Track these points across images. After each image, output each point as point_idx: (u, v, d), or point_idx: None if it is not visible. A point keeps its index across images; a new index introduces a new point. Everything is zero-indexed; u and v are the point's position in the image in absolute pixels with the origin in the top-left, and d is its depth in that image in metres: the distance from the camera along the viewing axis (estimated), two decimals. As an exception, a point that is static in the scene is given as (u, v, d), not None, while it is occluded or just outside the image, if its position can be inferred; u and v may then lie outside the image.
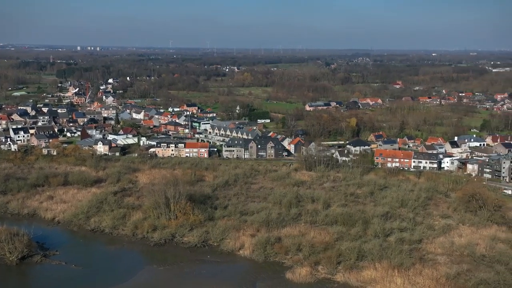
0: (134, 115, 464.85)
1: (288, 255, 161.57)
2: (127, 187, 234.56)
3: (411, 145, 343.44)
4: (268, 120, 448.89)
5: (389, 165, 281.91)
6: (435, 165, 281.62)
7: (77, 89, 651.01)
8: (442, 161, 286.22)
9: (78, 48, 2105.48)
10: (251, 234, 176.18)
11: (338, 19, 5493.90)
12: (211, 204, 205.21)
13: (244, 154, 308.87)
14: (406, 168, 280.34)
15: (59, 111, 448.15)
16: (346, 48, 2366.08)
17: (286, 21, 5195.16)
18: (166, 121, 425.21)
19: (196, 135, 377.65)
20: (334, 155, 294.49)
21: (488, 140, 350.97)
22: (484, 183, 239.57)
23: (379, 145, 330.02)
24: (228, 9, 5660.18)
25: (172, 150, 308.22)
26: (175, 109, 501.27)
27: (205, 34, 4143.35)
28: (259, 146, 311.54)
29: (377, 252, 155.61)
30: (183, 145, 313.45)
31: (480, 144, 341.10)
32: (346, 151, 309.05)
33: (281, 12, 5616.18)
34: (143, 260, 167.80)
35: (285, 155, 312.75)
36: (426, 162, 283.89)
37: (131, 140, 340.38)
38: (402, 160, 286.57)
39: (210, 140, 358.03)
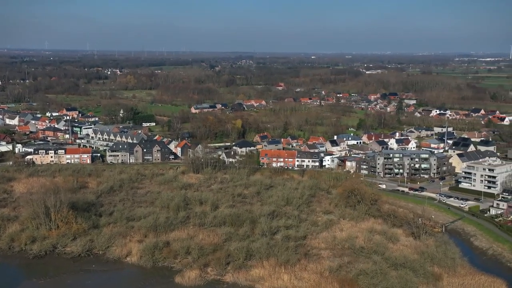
0: (8, 121, 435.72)
1: (177, 259, 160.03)
2: (1, 198, 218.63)
3: (294, 144, 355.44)
4: (154, 123, 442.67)
5: (274, 164, 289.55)
6: (317, 164, 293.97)
7: None
8: (324, 159, 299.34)
9: None
10: (139, 240, 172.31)
11: (221, 21, 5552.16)
12: (95, 212, 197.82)
13: (129, 159, 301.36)
14: (291, 167, 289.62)
15: None
16: (230, 51, 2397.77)
17: (169, 23, 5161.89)
18: (44, 127, 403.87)
19: (78, 141, 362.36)
20: (221, 157, 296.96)
21: (364, 138, 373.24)
22: (362, 179, 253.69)
23: (264, 145, 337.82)
24: (108, 9, 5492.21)
25: (52, 156, 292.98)
26: (54, 114, 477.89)
27: (84, 35, 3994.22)
28: (144, 150, 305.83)
29: (264, 250, 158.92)
30: (63, 151, 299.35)
31: (357, 142, 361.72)
32: (232, 152, 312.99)
33: (163, 14, 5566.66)
34: (21, 274, 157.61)
35: (172, 158, 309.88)
36: (309, 161, 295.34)
37: (5, 147, 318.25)
38: (286, 159, 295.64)
39: (92, 145, 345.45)
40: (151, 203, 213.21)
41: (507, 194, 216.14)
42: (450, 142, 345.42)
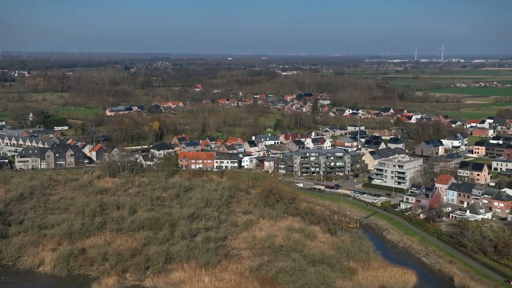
0: None
1: (93, 266, 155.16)
2: None
3: (213, 146, 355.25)
4: (66, 127, 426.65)
5: (193, 166, 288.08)
6: (236, 164, 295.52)
7: None
8: (242, 160, 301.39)
9: None
10: (52, 248, 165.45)
11: (135, 22, 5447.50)
12: (3, 221, 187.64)
13: (40, 164, 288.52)
14: (210, 169, 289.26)
15: None
16: (145, 52, 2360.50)
17: (80, 22, 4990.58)
18: None
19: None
20: (138, 160, 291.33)
21: (282, 138, 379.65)
22: (280, 178, 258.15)
23: (183, 147, 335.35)
24: (13, 8, 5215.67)
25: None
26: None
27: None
28: (57, 155, 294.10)
29: (184, 253, 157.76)
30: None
31: (275, 142, 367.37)
32: (150, 155, 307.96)
33: (73, 12, 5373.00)
34: None
35: (87, 162, 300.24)
36: (227, 162, 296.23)
37: None
38: (205, 161, 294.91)
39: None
40: (65, 210, 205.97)
41: (415, 189, 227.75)
42: (363, 140, 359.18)
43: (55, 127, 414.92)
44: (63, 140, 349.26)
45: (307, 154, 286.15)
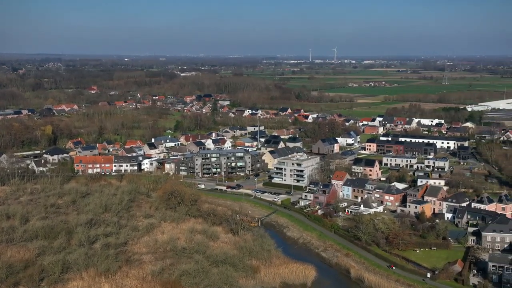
0: None
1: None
2: None
3: (111, 149, 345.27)
4: None
5: (90, 171, 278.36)
6: (136, 167, 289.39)
7: None
8: (142, 162, 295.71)
9: None
10: None
11: (23, 20, 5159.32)
12: None
13: None
14: (108, 173, 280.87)
15: None
16: (35, 53, 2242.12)
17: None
18: None
19: None
20: (30, 166, 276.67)
21: (182, 139, 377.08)
22: (181, 180, 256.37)
23: (79, 151, 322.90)
24: None
25: None
26: None
27: None
28: None
29: (82, 261, 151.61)
30: None
31: (175, 144, 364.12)
32: (43, 160, 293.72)
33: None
34: None
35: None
36: (127, 165, 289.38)
37: None
38: (103, 165, 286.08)
39: None
40: None
41: (313, 186, 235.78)
42: (262, 140, 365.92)
43: None
44: None
45: (208, 155, 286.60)
